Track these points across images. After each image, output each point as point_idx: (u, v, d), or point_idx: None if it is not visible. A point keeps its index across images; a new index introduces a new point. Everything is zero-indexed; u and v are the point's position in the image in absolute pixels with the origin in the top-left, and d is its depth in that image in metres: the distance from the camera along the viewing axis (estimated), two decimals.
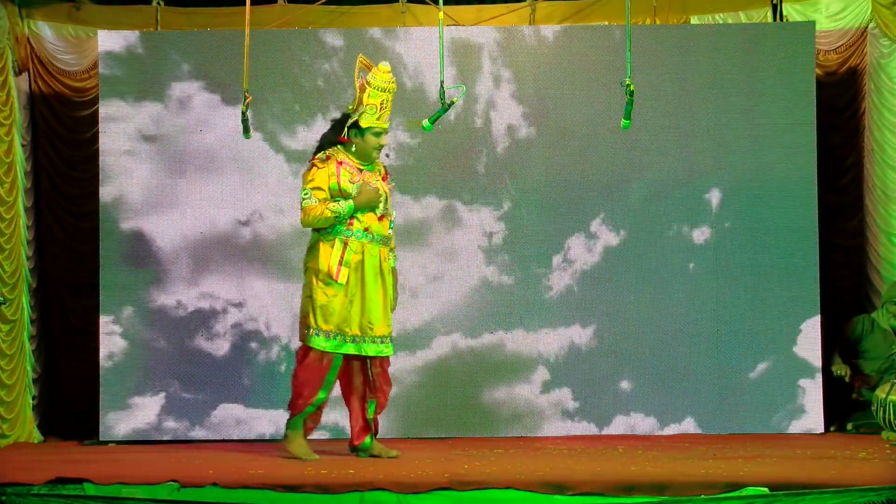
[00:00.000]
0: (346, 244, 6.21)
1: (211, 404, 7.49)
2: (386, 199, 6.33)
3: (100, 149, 7.57)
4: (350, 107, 6.32)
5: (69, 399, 7.94)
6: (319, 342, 6.20)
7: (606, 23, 7.98)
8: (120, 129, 7.53)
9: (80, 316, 7.91)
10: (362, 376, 6.39)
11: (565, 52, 7.63)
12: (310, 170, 6.30)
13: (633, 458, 6.15)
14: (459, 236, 7.60)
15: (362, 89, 6.23)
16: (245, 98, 6.26)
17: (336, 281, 6.18)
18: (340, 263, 6.19)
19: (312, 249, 6.30)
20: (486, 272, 7.59)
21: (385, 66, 6.24)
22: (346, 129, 6.28)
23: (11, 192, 7.58)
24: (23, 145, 7.81)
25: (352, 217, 6.22)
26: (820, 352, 7.54)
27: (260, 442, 7.29)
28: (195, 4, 8.08)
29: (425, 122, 6.29)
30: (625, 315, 7.56)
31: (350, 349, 6.25)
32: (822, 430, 7.49)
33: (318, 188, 6.21)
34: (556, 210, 7.59)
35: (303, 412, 6.28)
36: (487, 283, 7.58)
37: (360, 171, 6.30)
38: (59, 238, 8.03)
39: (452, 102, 6.20)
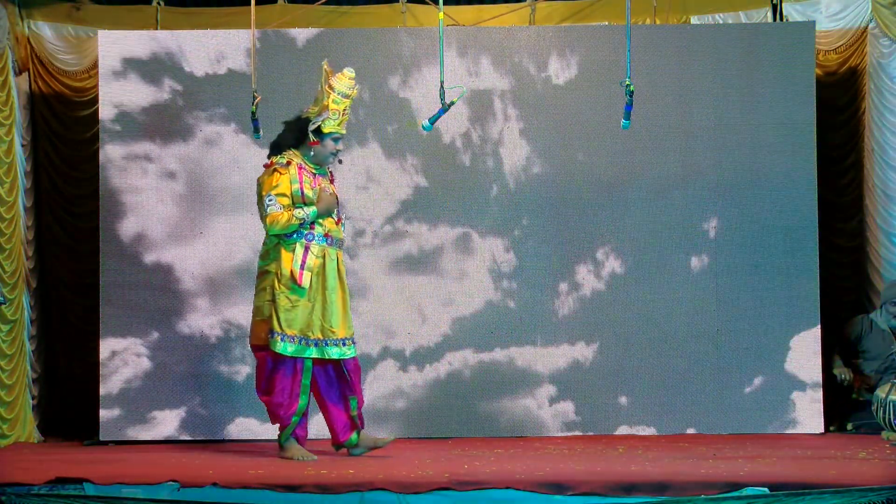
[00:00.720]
0: (307, 248, 6.27)
1: (228, 418, 7.48)
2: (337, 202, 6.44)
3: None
4: (312, 109, 6.33)
5: (69, 399, 7.94)
6: (285, 347, 6.23)
7: (606, 23, 7.98)
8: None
9: (80, 316, 7.91)
10: (336, 377, 6.42)
11: (565, 52, 7.62)
12: (272, 175, 6.30)
13: (633, 458, 6.15)
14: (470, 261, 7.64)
15: (326, 95, 6.27)
16: (254, 98, 6.28)
17: (299, 285, 6.21)
18: (303, 268, 6.24)
19: (272, 253, 6.33)
20: (494, 295, 7.61)
21: (349, 72, 6.29)
22: (310, 133, 6.30)
23: (11, 192, 7.58)
24: (23, 145, 7.81)
25: (313, 222, 6.28)
26: (819, 353, 7.53)
27: (259, 442, 7.28)
28: (195, 4, 8.08)
29: (425, 123, 6.33)
30: (624, 316, 7.55)
31: (313, 353, 6.29)
32: (822, 430, 7.49)
33: (283, 194, 6.26)
34: (556, 210, 7.58)
35: (290, 424, 6.31)
36: (496, 305, 7.61)
37: (314, 175, 6.36)
38: (59, 238, 8.03)
39: (452, 103, 6.21)
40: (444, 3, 6.42)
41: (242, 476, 5.41)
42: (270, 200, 6.24)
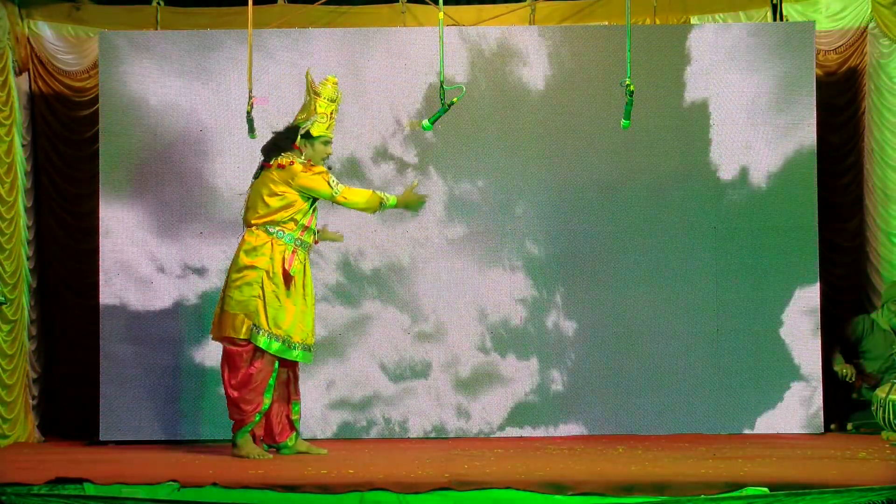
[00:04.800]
0: (294, 252, 6.37)
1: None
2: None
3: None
4: (300, 116, 6.46)
5: (69, 399, 7.94)
6: (270, 344, 6.28)
7: (606, 23, 7.98)
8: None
9: (80, 316, 7.90)
10: (289, 379, 6.51)
11: (565, 52, 7.62)
12: (306, 169, 6.35)
13: (633, 458, 6.15)
14: None
15: (313, 100, 6.41)
16: (249, 98, 6.30)
17: (287, 288, 6.31)
18: (289, 270, 6.32)
19: (261, 250, 6.35)
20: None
21: (333, 78, 6.48)
22: (298, 137, 6.40)
23: (11, 192, 7.58)
24: (23, 145, 7.81)
25: (304, 228, 6.38)
26: (820, 352, 7.54)
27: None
28: (195, 4, 8.08)
29: (425, 122, 6.38)
30: (623, 316, 7.55)
31: (292, 355, 6.38)
32: (822, 430, 7.49)
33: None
34: (555, 210, 7.59)
35: (251, 422, 6.35)
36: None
37: None
38: (59, 238, 8.03)
39: (452, 103, 6.22)
40: (444, 3, 6.42)
41: (242, 476, 5.41)
42: (332, 181, 6.38)
